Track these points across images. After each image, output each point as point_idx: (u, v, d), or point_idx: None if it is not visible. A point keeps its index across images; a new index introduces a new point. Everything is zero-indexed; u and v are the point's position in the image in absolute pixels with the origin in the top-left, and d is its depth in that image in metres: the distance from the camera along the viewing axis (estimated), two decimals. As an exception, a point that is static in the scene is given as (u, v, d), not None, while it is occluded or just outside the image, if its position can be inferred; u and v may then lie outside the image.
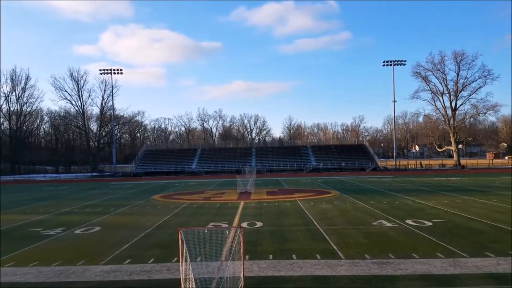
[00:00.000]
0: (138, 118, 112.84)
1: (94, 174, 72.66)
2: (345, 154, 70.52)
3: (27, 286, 8.76)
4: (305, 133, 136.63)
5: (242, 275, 8.08)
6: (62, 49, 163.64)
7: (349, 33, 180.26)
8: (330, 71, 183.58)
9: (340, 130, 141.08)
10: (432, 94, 73.64)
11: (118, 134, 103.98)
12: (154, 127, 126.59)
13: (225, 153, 74.52)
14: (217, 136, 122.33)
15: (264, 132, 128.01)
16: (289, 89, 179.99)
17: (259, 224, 15.95)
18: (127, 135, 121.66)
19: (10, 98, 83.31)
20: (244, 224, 15.69)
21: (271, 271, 9.44)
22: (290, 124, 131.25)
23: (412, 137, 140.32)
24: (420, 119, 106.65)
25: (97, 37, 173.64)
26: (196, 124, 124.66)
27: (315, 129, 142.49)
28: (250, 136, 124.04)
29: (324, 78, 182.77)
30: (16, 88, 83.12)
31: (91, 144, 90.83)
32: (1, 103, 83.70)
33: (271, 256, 10.74)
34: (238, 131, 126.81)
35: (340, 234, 13.56)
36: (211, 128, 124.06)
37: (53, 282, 8.99)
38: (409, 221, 15.85)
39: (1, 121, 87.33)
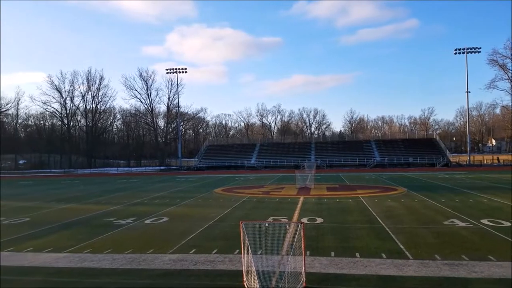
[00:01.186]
0: (201, 114, 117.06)
1: (162, 167, 76.81)
2: (413, 149, 66.92)
3: (102, 272, 9.51)
4: (368, 126, 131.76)
5: (303, 270, 8.03)
6: (132, 50, 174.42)
7: (416, 21, 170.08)
8: (396, 61, 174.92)
9: (407, 123, 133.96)
10: (511, 83, 67.12)
11: (183, 130, 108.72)
12: (216, 123, 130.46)
13: (283, 148, 74.51)
14: (275, 131, 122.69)
15: (324, 126, 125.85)
16: (351, 81, 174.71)
17: (319, 220, 15.73)
18: (191, 131, 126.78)
19: (86, 97, 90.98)
20: (304, 220, 15.58)
21: (333, 268, 9.26)
22: (352, 117, 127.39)
23: (488, 130, 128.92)
24: (498, 110, 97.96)
25: (164, 38, 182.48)
26: (255, 120, 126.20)
27: (379, 122, 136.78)
28: (309, 131, 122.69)
29: (389, 68, 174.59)
30: (91, 88, 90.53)
31: (159, 139, 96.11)
32: (79, 102, 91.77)
33: (333, 253, 10.54)
34: (297, 125, 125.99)
35: (407, 233, 12.91)
36: (269, 123, 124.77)
37: (126, 269, 9.67)
38: (484, 221, 14.63)
39: (79, 118, 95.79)
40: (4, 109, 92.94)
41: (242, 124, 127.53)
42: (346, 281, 8.38)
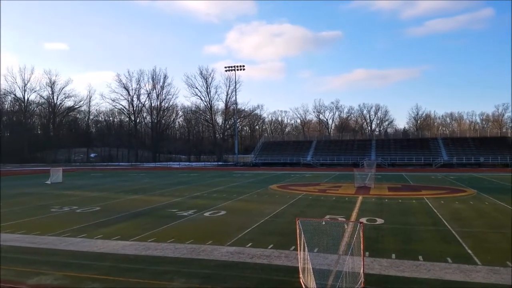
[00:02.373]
0: (257, 111, 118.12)
1: (219, 163, 79.04)
2: (484, 148, 61.98)
3: (165, 260, 10.07)
4: (435, 123, 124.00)
5: (362, 271, 7.86)
6: (194, 49, 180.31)
7: (492, 10, 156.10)
8: (468, 53, 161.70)
9: (478, 120, 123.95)
10: None
11: (240, 126, 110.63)
12: (272, 119, 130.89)
13: (341, 145, 72.82)
14: (333, 127, 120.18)
15: (386, 123, 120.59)
16: (417, 75, 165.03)
17: (379, 220, 15.22)
18: (247, 127, 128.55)
19: (151, 95, 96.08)
20: (363, 220, 15.16)
21: (394, 270, 8.95)
22: (417, 113, 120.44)
23: None
24: None
25: (224, 36, 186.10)
26: (311, 116, 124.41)
27: (448, 119, 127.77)
28: (369, 128, 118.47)
29: (460, 61, 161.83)
30: (156, 86, 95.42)
31: (217, 136, 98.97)
32: (145, 100, 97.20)
33: (393, 255, 10.17)
34: (356, 122, 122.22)
35: (476, 237, 12.05)
36: (327, 120, 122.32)
37: (187, 259, 10.14)
38: None
39: (144, 115, 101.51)
40: (77, 106, 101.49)
41: (298, 120, 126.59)
42: (408, 284, 8.06)
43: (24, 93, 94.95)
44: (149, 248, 11.23)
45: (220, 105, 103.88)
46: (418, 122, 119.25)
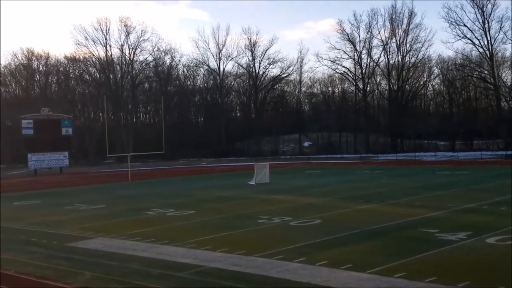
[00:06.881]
0: None
1: (508, 152, 72.76)
2: None
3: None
4: None
5: None
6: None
7: None
8: None
9: None
10: None
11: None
12: None
13: None
14: None
15: None
16: None
17: None
18: None
19: (389, 47, 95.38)
20: None
21: None
22: None
23: None
24: None
25: None
26: None
27: None
28: None
29: None
30: (396, 32, 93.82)
31: (502, 105, 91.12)
32: (378, 56, 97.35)
33: None
34: None
35: None
36: None
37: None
38: None
39: (378, 80, 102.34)
40: (285, 75, 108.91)
41: None
42: None
43: (219, 62, 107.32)
44: (397, 287, 11.41)
45: (508, 50, 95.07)
46: None
